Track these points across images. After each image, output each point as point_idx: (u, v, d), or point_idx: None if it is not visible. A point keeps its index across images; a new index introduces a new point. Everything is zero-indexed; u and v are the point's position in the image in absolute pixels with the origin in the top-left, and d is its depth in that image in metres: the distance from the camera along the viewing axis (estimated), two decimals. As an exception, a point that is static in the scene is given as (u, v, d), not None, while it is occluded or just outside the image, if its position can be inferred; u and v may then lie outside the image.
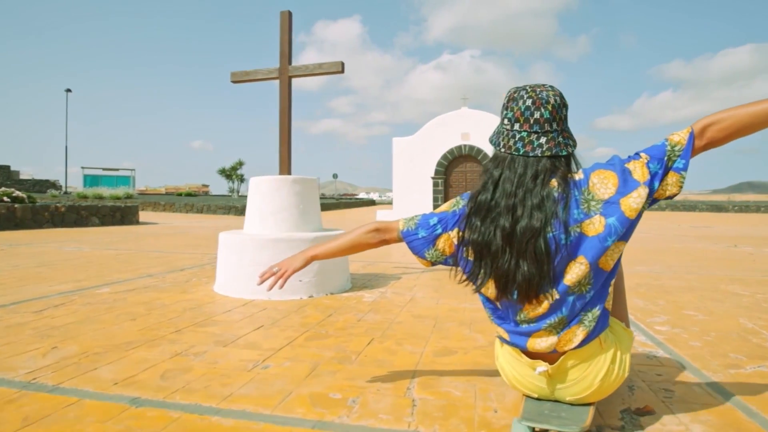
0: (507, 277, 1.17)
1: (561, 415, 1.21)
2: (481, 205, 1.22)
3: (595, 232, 1.16)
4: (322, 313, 2.63)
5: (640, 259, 5.46)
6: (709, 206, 25.84)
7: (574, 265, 1.16)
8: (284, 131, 3.52)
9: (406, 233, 1.37)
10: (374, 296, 3.13)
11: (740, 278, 4.08)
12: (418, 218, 1.38)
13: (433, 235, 1.32)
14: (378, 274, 4.13)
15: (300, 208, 3.28)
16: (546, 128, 1.20)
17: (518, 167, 1.20)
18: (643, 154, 1.21)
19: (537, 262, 1.15)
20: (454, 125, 17.25)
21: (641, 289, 3.52)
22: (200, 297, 3.00)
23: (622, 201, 1.16)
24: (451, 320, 2.51)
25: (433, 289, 3.40)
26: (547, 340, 1.21)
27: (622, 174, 1.19)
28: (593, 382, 1.22)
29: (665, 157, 1.19)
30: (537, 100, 1.20)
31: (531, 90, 1.22)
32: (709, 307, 2.89)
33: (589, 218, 1.16)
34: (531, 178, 1.19)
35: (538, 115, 1.19)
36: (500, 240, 1.18)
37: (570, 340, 1.20)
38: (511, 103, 1.23)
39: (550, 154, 1.20)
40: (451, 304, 2.91)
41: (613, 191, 1.17)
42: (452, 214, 1.32)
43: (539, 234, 1.15)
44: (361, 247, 1.46)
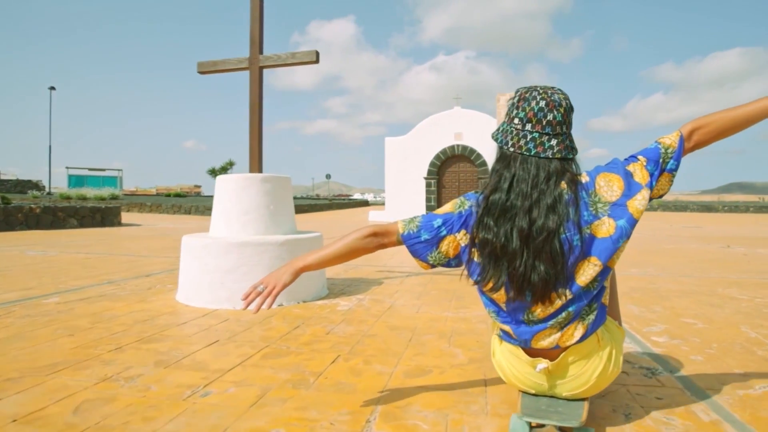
0: (524, 278, 1.16)
1: (558, 410, 1.23)
2: (495, 204, 1.20)
3: (606, 234, 1.18)
4: (288, 325, 2.39)
5: (634, 260, 5.27)
6: (699, 206, 25.87)
7: (587, 265, 1.18)
8: (255, 126, 3.27)
9: (407, 236, 1.32)
10: (350, 304, 2.90)
11: (737, 281, 3.89)
12: (420, 220, 1.33)
13: (437, 238, 1.29)
14: (359, 278, 3.90)
15: (270, 209, 3.04)
16: (557, 130, 1.21)
17: (531, 168, 1.20)
18: (640, 157, 1.25)
19: (553, 263, 1.15)
20: (446, 125, 17.05)
21: (636, 294, 3.31)
22: (158, 307, 2.75)
23: (629, 203, 1.20)
24: (430, 332, 2.29)
25: (415, 296, 3.17)
26: (551, 336, 1.22)
27: (626, 177, 1.22)
28: (590, 378, 1.24)
29: (660, 159, 1.24)
30: (550, 102, 1.20)
31: (543, 91, 1.22)
32: (708, 314, 2.69)
33: (599, 219, 1.19)
34: (544, 179, 1.19)
35: (551, 117, 1.20)
36: (518, 241, 1.17)
37: (572, 335, 1.21)
38: (522, 103, 1.23)
39: (560, 156, 1.21)
40: (433, 313, 2.68)
41: (619, 194, 1.20)
42: (458, 215, 1.29)
43: (555, 235, 1.15)
44: (356, 254, 1.37)
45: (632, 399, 1.50)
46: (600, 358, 1.24)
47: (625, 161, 1.27)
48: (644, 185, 1.21)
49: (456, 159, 17.17)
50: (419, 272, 4.25)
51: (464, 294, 3.25)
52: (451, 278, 3.91)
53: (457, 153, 17.03)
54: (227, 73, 3.36)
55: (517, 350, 1.28)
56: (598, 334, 1.25)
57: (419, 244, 1.31)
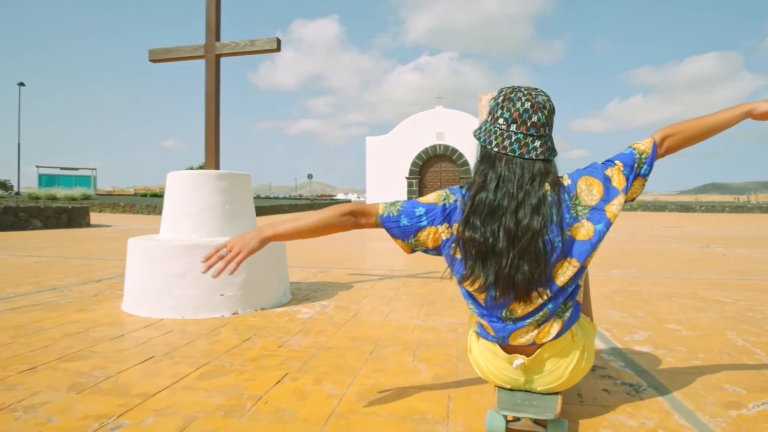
0: (509, 277, 1.18)
1: (533, 403, 1.25)
2: (482, 204, 1.21)
3: (585, 237, 1.22)
4: (238, 337, 2.15)
5: (615, 261, 5.14)
6: (678, 206, 26.24)
7: (566, 266, 1.22)
8: (211, 118, 3.02)
9: (385, 219, 1.31)
10: (312, 311, 2.67)
11: (718, 282, 3.77)
12: (402, 205, 1.32)
13: (416, 227, 1.29)
14: (328, 282, 3.67)
15: (226, 209, 2.80)
16: (541, 132, 1.23)
17: (516, 168, 1.21)
18: (617, 162, 1.29)
19: (536, 263, 1.17)
20: (428, 125, 16.90)
21: (617, 297, 3.15)
22: (97, 317, 2.48)
23: (607, 208, 1.24)
24: (394, 343, 2.08)
25: (384, 302, 2.96)
26: (528, 334, 1.24)
27: (605, 182, 1.26)
28: (564, 373, 1.26)
29: (635, 164, 1.29)
30: (535, 104, 1.22)
31: (527, 93, 1.24)
32: (692, 319, 2.54)
33: (578, 222, 1.22)
34: (529, 180, 1.20)
35: (535, 118, 1.22)
36: (504, 240, 1.18)
37: (548, 332, 1.24)
38: (507, 104, 1.23)
39: (543, 157, 1.23)
40: (400, 321, 2.48)
41: (598, 198, 1.24)
42: (442, 208, 1.28)
43: (539, 235, 1.17)
44: (330, 230, 1.34)
45: (616, 426, 1.31)
46: (574, 353, 1.27)
47: (603, 165, 1.30)
48: (621, 190, 1.26)
49: (438, 159, 17.04)
50: (393, 275, 4.05)
51: (437, 299, 3.06)
52: (425, 281, 3.71)
53: (439, 153, 16.89)
54: (183, 61, 3.11)
55: (494, 347, 1.29)
56: (573, 330, 1.28)
57: (398, 228, 1.30)
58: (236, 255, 1.29)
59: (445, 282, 3.69)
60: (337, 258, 5.30)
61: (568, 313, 1.25)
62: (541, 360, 1.26)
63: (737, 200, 37.65)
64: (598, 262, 5.05)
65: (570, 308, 1.25)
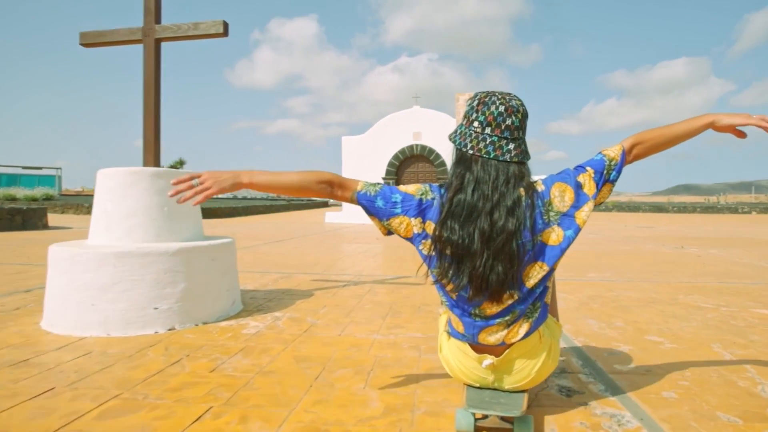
0: (482, 278, 1.20)
1: (501, 401, 1.27)
2: (460, 206, 1.23)
3: (555, 242, 1.25)
4: (167, 359, 1.86)
5: (591, 263, 4.99)
6: (651, 207, 26.67)
7: (536, 269, 1.24)
8: (150, 110, 2.71)
9: (362, 196, 1.35)
10: (261, 325, 2.39)
11: (697, 286, 3.63)
12: (381, 187, 1.36)
13: (390, 212, 1.32)
14: (288, 290, 3.39)
15: (165, 211, 2.49)
16: (515, 135, 1.26)
17: (491, 170, 1.23)
18: (588, 168, 1.32)
19: (510, 264, 1.19)
20: (405, 124, 16.67)
21: (595, 303, 2.95)
22: (7, 336, 2.15)
23: (577, 214, 1.27)
24: (347, 364, 1.82)
25: (344, 312, 2.70)
26: (497, 333, 1.27)
27: (577, 189, 1.29)
28: (531, 372, 1.29)
29: (605, 170, 1.33)
30: (509, 108, 1.24)
31: (501, 97, 1.26)
32: (674, 329, 2.35)
33: (550, 227, 1.25)
34: (503, 182, 1.22)
35: (509, 122, 1.24)
36: (479, 242, 1.20)
37: (517, 332, 1.26)
38: (482, 107, 1.26)
39: (518, 160, 1.25)
40: (358, 335, 2.22)
41: (569, 204, 1.27)
42: (418, 202, 1.31)
43: (513, 237, 1.19)
44: (305, 193, 1.39)
45: (595, 474, 1.07)
46: (541, 353, 1.30)
47: (575, 171, 1.32)
48: (591, 197, 1.29)
49: (415, 159, 16.84)
50: (359, 281, 3.79)
51: (402, 308, 2.81)
52: (392, 288, 3.46)
53: (416, 153, 16.71)
54: (118, 46, 2.79)
55: (464, 346, 1.31)
56: (540, 330, 1.30)
57: (373, 207, 1.34)
58: (206, 189, 1.30)
59: (413, 288, 3.45)
60: (303, 262, 5.01)
61: (537, 314, 1.28)
62: (509, 360, 1.28)
63: (707, 201, 38.61)
64: (574, 264, 4.89)
65: (538, 309, 1.29)
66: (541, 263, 1.24)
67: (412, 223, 1.30)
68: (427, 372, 1.74)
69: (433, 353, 1.95)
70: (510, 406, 1.25)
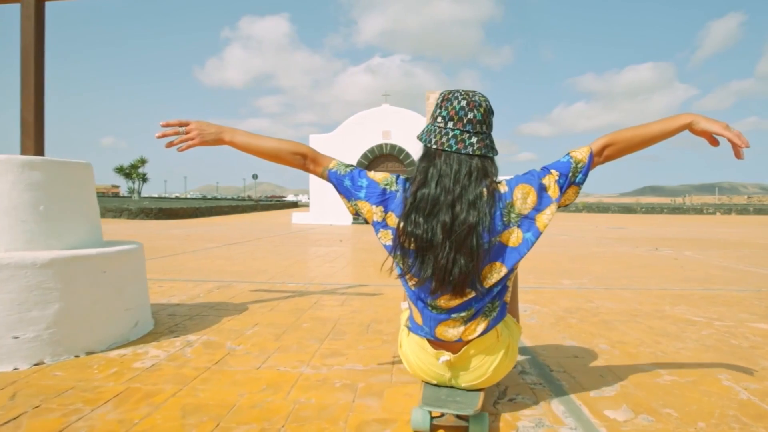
0: (445, 270, 1.20)
1: (456, 399, 1.27)
2: (424, 200, 1.23)
3: (514, 244, 1.25)
4: (3, 414, 1.34)
5: (565, 268, 4.63)
6: (620, 208, 27.00)
7: (494, 269, 1.24)
8: (30, 83, 2.16)
9: (332, 173, 1.38)
10: (164, 354, 1.89)
11: (681, 294, 3.29)
12: (352, 169, 1.38)
13: (354, 195, 1.34)
14: (219, 303, 2.88)
15: (40, 211, 1.95)
16: (477, 129, 1.27)
17: (453, 163, 1.25)
18: (553, 171, 1.31)
19: (471, 257, 1.20)
20: (374, 123, 16.21)
21: (573, 318, 2.55)
22: None
23: (538, 217, 1.27)
24: (251, 418, 1.34)
25: (275, 334, 2.21)
26: (454, 329, 1.27)
27: (540, 191, 1.28)
28: (487, 371, 1.30)
29: (570, 173, 1.31)
30: (471, 102, 1.27)
31: (464, 93, 1.29)
32: (669, 353, 1.95)
33: (509, 229, 1.25)
34: (466, 175, 1.24)
35: (471, 116, 1.26)
36: (441, 234, 1.20)
37: (474, 329, 1.27)
38: (445, 103, 1.29)
39: (480, 153, 1.26)
40: (282, 368, 1.74)
41: (531, 207, 1.27)
42: (381, 191, 1.33)
43: (474, 230, 1.20)
44: (279, 160, 1.42)
45: None
46: (498, 352, 1.30)
47: (540, 173, 1.30)
48: (554, 200, 1.28)
49: (384, 158, 16.41)
50: (306, 291, 3.30)
51: (348, 326, 2.34)
52: (343, 299, 2.99)
53: (386, 152, 16.28)
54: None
55: (423, 342, 1.32)
56: (498, 329, 1.30)
57: (341, 186, 1.36)
58: (189, 140, 1.38)
59: (366, 300, 2.99)
60: (250, 268, 4.48)
61: (495, 312, 1.29)
62: (466, 357, 1.28)
63: (673, 202, 39.59)
64: (547, 269, 4.53)
65: (497, 308, 1.29)
66: (499, 264, 1.24)
67: (372, 210, 1.32)
68: (357, 428, 1.28)
69: (371, 396, 1.49)
70: (465, 405, 1.24)
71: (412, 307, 1.33)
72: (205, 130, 1.39)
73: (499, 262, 1.24)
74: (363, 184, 1.34)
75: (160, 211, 17.02)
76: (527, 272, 4.27)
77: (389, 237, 1.29)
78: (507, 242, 1.24)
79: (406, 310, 1.40)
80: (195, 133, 1.37)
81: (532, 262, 4.98)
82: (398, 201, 1.29)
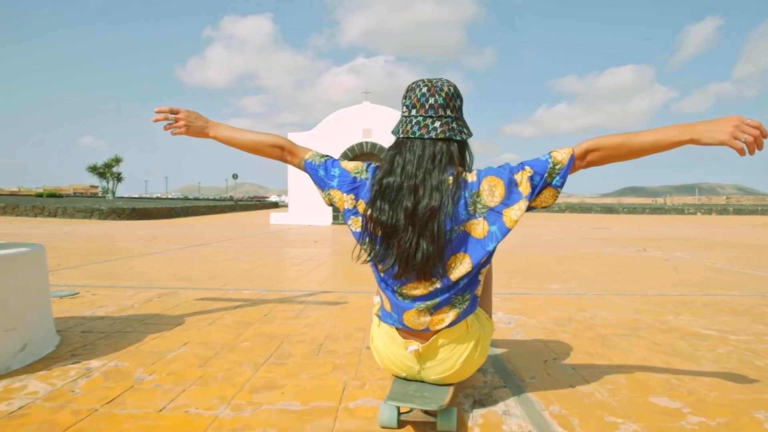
0: (408, 255, 1.21)
1: (424, 394, 1.26)
2: (389, 187, 1.24)
3: (479, 235, 1.24)
4: None
5: (551, 271, 4.28)
6: (602, 208, 27.02)
7: (459, 260, 1.24)
8: None
9: (308, 164, 1.42)
10: (46, 389, 1.45)
11: (682, 301, 2.95)
12: (326, 159, 1.41)
13: (328, 184, 1.37)
14: (154, 315, 2.44)
15: None
16: (440, 113, 1.27)
17: (417, 149, 1.26)
18: (528, 168, 1.26)
19: (434, 242, 1.20)
20: (354, 121, 15.77)
21: (564, 333, 2.17)
22: None
23: (505, 212, 1.24)
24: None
25: (200, 359, 1.78)
26: (421, 318, 1.26)
27: (509, 185, 1.25)
28: (456, 363, 1.29)
29: (546, 173, 1.25)
30: (432, 88, 1.28)
31: (427, 80, 1.31)
32: (686, 380, 1.58)
33: (475, 219, 1.24)
34: (429, 158, 1.24)
35: (432, 101, 1.27)
36: (403, 219, 1.22)
37: (442, 320, 1.26)
38: (409, 93, 1.31)
39: (444, 136, 1.26)
40: (192, 411, 1.32)
41: (499, 201, 1.24)
42: (352, 180, 1.35)
43: (437, 213, 1.20)
44: (259, 153, 1.48)
45: None
46: (468, 344, 1.29)
47: (514, 168, 1.28)
48: (524, 196, 1.24)
49: (365, 157, 15.98)
50: (260, 299, 2.87)
51: (296, 346, 1.93)
52: (300, 309, 2.58)
53: (366, 151, 15.86)
54: None
55: (392, 331, 1.32)
56: (468, 321, 1.30)
57: (316, 176, 1.40)
58: (177, 127, 1.49)
59: (326, 310, 2.58)
60: (206, 273, 4.03)
61: (465, 304, 1.28)
62: (435, 347, 1.28)
63: (655, 202, 39.99)
64: (533, 272, 4.17)
65: (467, 300, 1.28)
66: (463, 254, 1.23)
67: (344, 198, 1.34)
68: None
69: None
70: (431, 400, 1.22)
71: (382, 295, 1.34)
72: (193, 123, 1.49)
73: (463, 252, 1.23)
74: (335, 174, 1.36)
75: (132, 212, 16.36)
76: (511, 274, 3.91)
77: (359, 224, 1.31)
78: (471, 232, 1.24)
79: (378, 304, 1.39)
80: (183, 122, 1.48)
81: (517, 264, 4.63)
82: (367, 189, 1.31)
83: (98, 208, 16.39)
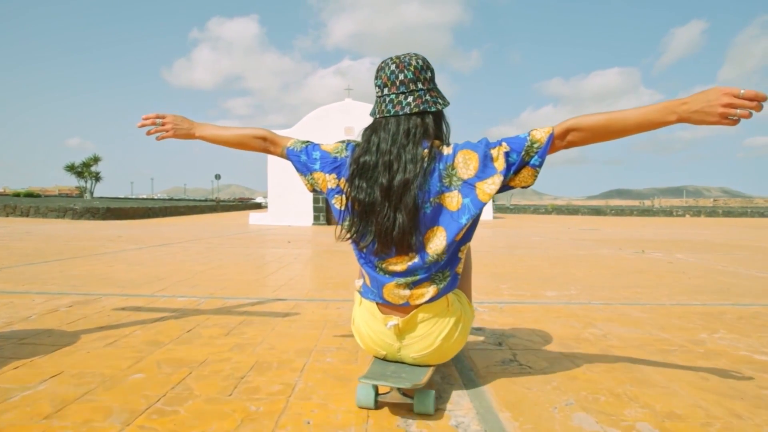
0: (386, 229, 1.22)
1: (401, 375, 1.25)
2: (367, 166, 1.26)
3: (454, 208, 1.23)
4: None
5: (546, 274, 3.75)
6: (590, 210, 26.77)
7: (436, 235, 1.24)
8: None
9: (290, 151, 1.43)
10: None
11: (709, 312, 2.44)
12: (306, 145, 1.43)
13: (311, 168, 1.38)
14: (45, 331, 1.87)
15: None
16: (411, 87, 1.28)
17: (391, 126, 1.27)
18: (505, 144, 1.26)
19: (410, 214, 1.21)
20: (336, 118, 15.19)
21: (575, 360, 1.64)
22: None
23: (478, 185, 1.24)
24: None
25: (59, 401, 1.22)
26: (401, 291, 1.27)
27: (484, 159, 1.25)
28: (435, 341, 1.27)
29: (523, 151, 1.24)
30: (400, 64, 1.29)
31: (395, 57, 1.31)
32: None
33: (450, 192, 1.24)
34: (404, 134, 1.26)
35: (402, 77, 1.28)
36: (380, 195, 1.23)
37: (422, 294, 1.26)
38: (379, 72, 1.32)
39: (418, 110, 1.27)
40: None
41: (473, 174, 1.24)
42: (332, 159, 1.35)
43: (410, 186, 1.21)
44: (244, 147, 1.53)
45: None
46: (447, 322, 1.28)
47: (491, 143, 1.27)
48: (499, 171, 1.23)
49: (350, 155, 15.45)
50: (190, 310, 2.30)
51: (204, 381, 1.37)
52: (235, 323, 2.01)
53: (351, 148, 15.32)
54: None
55: (372, 307, 1.32)
56: (449, 298, 1.30)
57: (298, 162, 1.41)
58: (163, 131, 1.54)
59: (265, 326, 2.02)
60: (146, 276, 3.44)
61: (446, 281, 1.28)
62: (414, 321, 1.27)
63: (642, 204, 40.02)
64: (525, 276, 3.64)
65: (448, 277, 1.28)
66: (440, 228, 1.23)
67: (326, 178, 1.35)
68: None
69: None
70: (407, 380, 1.20)
71: (363, 273, 1.34)
72: (179, 125, 1.54)
73: (439, 226, 1.24)
74: (317, 157, 1.37)
75: (107, 211, 15.63)
76: (500, 279, 3.38)
77: (344, 202, 1.31)
78: (446, 205, 1.24)
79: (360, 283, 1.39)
80: (170, 126, 1.53)
81: (505, 267, 4.11)
82: (347, 167, 1.31)
83: (72, 207, 15.62)
